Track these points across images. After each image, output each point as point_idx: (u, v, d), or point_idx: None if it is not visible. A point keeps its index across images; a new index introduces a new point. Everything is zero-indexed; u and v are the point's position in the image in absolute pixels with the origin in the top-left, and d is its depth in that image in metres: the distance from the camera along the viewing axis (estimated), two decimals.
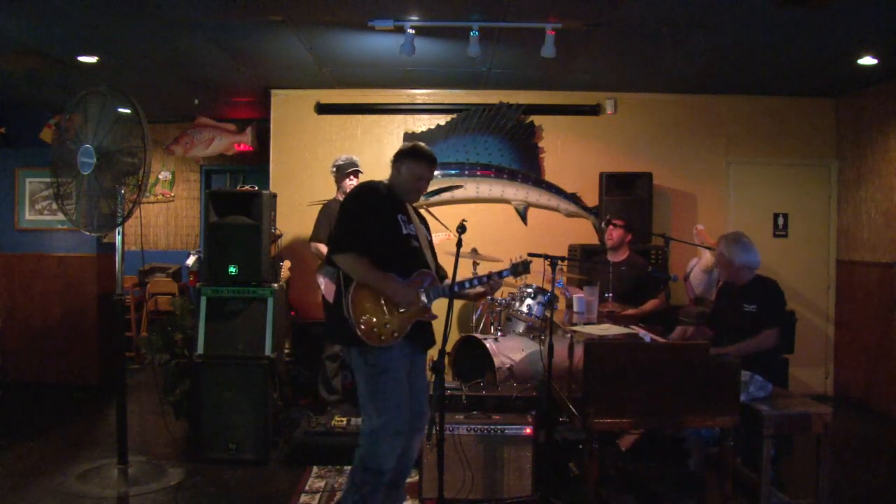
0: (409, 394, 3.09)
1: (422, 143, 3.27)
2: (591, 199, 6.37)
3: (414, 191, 3.24)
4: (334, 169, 5.25)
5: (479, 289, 3.29)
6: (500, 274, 3.26)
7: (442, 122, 6.42)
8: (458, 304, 6.04)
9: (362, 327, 2.95)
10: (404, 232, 3.13)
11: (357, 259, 2.98)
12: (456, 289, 3.14)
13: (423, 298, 3.08)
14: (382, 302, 3.00)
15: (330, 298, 5.05)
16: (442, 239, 5.38)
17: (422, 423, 3.20)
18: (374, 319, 2.97)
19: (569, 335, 3.62)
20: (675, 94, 6.41)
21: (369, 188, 3.18)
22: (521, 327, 5.02)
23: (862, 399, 5.98)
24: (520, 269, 3.38)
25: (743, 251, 3.95)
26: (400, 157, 3.19)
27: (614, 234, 5.06)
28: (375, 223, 3.06)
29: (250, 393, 4.33)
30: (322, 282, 5.04)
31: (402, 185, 3.19)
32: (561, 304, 4.82)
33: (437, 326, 3.20)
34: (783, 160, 6.49)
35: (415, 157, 3.17)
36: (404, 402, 3.04)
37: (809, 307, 6.43)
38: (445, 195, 6.37)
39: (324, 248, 5.01)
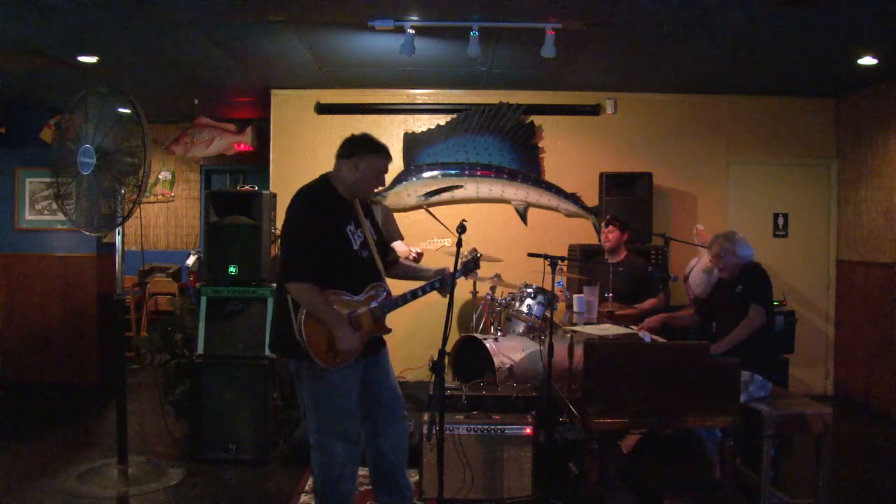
0: (372, 392, 3.02)
1: (370, 134, 3.04)
2: (591, 199, 6.37)
3: (374, 187, 3.05)
4: None
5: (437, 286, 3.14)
6: (453, 275, 3.09)
7: (442, 122, 6.42)
8: (458, 303, 6.06)
9: (316, 351, 2.82)
10: (355, 247, 2.95)
11: (312, 291, 2.78)
12: (409, 298, 3.06)
13: (376, 314, 2.96)
14: None
15: None
16: (438, 247, 5.37)
17: (398, 412, 3.08)
18: (329, 344, 2.83)
19: (569, 335, 3.62)
20: (675, 94, 6.41)
21: (314, 202, 2.92)
22: (521, 327, 5.01)
23: (862, 399, 5.98)
24: (470, 266, 3.26)
25: (746, 245, 4.09)
26: (357, 152, 2.93)
27: (610, 236, 5.11)
28: (325, 243, 2.85)
29: (250, 393, 4.33)
30: None
31: (359, 182, 2.95)
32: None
33: (437, 327, 3.17)
34: (783, 160, 6.49)
35: (375, 150, 2.96)
36: (351, 409, 2.94)
37: (809, 307, 6.43)
38: (445, 195, 6.36)
39: None
